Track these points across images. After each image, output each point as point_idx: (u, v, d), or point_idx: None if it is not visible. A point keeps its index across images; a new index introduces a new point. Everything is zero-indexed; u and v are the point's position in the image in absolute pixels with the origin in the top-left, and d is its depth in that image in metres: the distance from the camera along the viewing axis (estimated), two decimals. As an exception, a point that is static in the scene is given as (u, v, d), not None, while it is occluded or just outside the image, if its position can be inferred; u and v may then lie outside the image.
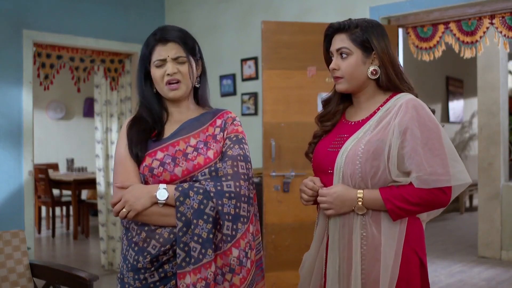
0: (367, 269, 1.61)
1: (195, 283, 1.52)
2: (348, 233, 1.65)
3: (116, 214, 1.62)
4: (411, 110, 1.60)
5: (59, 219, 7.94)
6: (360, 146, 1.62)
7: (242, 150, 1.67)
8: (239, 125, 1.75)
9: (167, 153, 1.65)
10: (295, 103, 3.60)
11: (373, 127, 1.65)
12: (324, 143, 1.78)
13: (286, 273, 3.55)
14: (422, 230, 1.71)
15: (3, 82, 4.16)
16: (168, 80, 1.67)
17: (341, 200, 1.63)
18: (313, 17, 4.11)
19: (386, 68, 1.69)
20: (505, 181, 5.61)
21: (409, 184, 1.59)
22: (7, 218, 4.12)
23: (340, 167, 1.65)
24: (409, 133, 1.58)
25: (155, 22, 5.12)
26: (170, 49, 1.67)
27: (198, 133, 1.70)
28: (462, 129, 9.40)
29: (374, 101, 1.74)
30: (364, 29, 1.70)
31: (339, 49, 1.71)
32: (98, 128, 5.12)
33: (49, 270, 2.74)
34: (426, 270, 1.69)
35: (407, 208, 1.59)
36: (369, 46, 1.69)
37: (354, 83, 1.71)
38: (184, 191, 1.56)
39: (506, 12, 3.41)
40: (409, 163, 1.58)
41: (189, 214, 1.55)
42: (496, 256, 5.50)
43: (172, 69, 1.66)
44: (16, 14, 4.24)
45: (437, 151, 1.58)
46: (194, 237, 1.53)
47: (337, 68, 1.72)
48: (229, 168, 1.61)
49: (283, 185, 3.58)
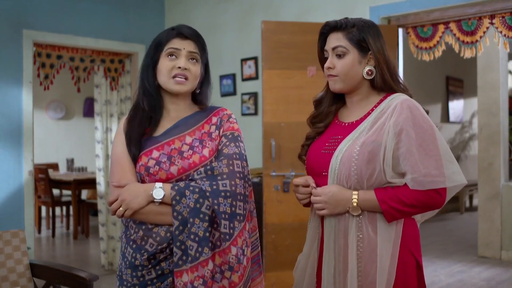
0: (363, 271, 1.60)
1: (193, 281, 1.52)
2: (343, 234, 1.63)
3: (113, 213, 1.63)
4: (406, 110, 1.59)
5: (59, 219, 7.94)
6: (355, 148, 1.60)
7: (237, 148, 1.67)
8: (235, 122, 1.74)
9: (163, 152, 1.65)
10: (295, 103, 3.60)
11: (368, 128, 1.64)
12: (318, 145, 1.76)
13: (286, 273, 3.55)
14: (418, 231, 1.70)
15: (3, 82, 4.16)
16: (177, 73, 1.66)
17: (335, 200, 1.62)
18: (313, 17, 4.11)
19: (382, 68, 1.68)
20: (505, 181, 5.61)
21: (404, 186, 1.58)
22: (7, 218, 4.12)
23: (335, 169, 1.64)
24: (404, 134, 1.57)
25: (155, 22, 5.12)
26: (188, 44, 1.68)
27: (193, 131, 1.70)
28: (462, 129, 9.40)
29: (367, 101, 1.72)
30: (361, 28, 1.68)
31: (336, 47, 1.69)
32: (98, 128, 5.12)
33: (49, 270, 2.74)
34: (422, 271, 1.68)
35: (402, 210, 1.58)
36: (366, 46, 1.68)
37: (349, 83, 1.70)
38: (180, 190, 1.57)
39: (506, 12, 3.41)
40: (404, 164, 1.57)
41: (185, 213, 1.56)
42: (496, 256, 5.50)
43: (185, 63, 1.66)
44: (16, 14, 4.24)
45: (432, 152, 1.57)
46: (191, 236, 1.54)
47: (332, 67, 1.70)
48: (224, 167, 1.61)
49: (283, 185, 3.58)
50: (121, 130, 1.73)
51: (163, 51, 1.68)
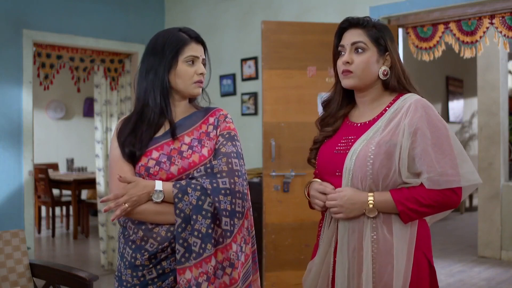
0: (378, 272, 1.58)
1: (197, 277, 1.54)
2: (358, 236, 1.62)
3: (112, 207, 1.59)
4: (421, 110, 1.59)
5: (59, 219, 7.94)
6: (370, 148, 1.59)
7: (235, 147, 1.70)
8: (231, 122, 1.78)
9: (162, 152, 1.67)
10: (295, 103, 3.60)
11: (383, 128, 1.63)
12: (329, 145, 1.75)
13: (286, 272, 3.56)
14: (429, 231, 1.70)
15: (3, 82, 4.16)
16: (199, 79, 1.73)
17: (351, 203, 1.60)
18: (313, 17, 4.11)
19: (397, 69, 1.69)
20: (505, 181, 5.61)
21: (420, 186, 1.57)
22: (7, 218, 4.12)
23: (349, 169, 1.62)
24: (419, 133, 1.56)
25: (155, 22, 5.12)
26: (201, 50, 1.75)
27: (192, 131, 1.72)
28: (462, 129, 9.40)
29: (380, 102, 1.72)
30: (380, 29, 1.69)
31: (356, 42, 1.67)
32: (98, 128, 5.12)
33: (49, 270, 2.74)
34: (434, 271, 1.67)
35: (419, 210, 1.57)
36: (384, 46, 1.68)
37: (364, 81, 1.68)
38: (182, 188, 1.59)
39: (506, 12, 3.41)
40: (419, 164, 1.56)
41: (187, 210, 1.57)
42: (496, 256, 5.50)
43: (204, 69, 1.74)
44: (16, 14, 4.24)
45: (447, 151, 1.57)
46: (194, 232, 1.55)
47: (350, 62, 1.67)
48: (224, 165, 1.63)
49: (283, 185, 3.58)
50: (115, 134, 1.75)
51: (181, 56, 1.70)
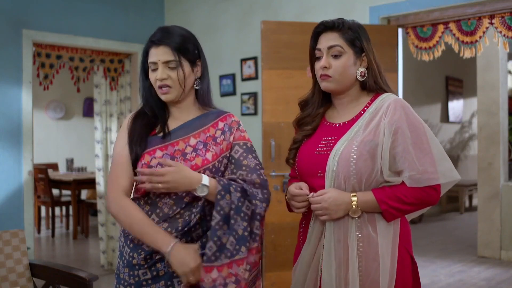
0: (364, 270, 1.60)
1: (225, 277, 1.53)
2: (343, 236, 1.63)
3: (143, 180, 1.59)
4: (400, 109, 1.62)
5: (59, 219, 7.94)
6: (353, 148, 1.61)
7: (256, 159, 1.71)
8: (245, 131, 1.77)
9: (166, 153, 1.66)
10: (295, 103, 3.53)
11: (363, 128, 1.64)
12: (309, 146, 1.75)
13: (285, 272, 3.55)
14: (409, 227, 1.74)
15: (2, 82, 4.15)
16: (160, 85, 1.67)
17: (336, 205, 1.61)
18: (312, 17, 4.11)
19: (374, 70, 1.70)
20: (505, 181, 5.61)
21: (401, 184, 1.60)
22: (6, 218, 4.12)
23: (332, 169, 1.63)
24: (400, 132, 1.59)
25: (155, 22, 5.12)
26: (162, 53, 1.66)
27: (198, 133, 1.71)
28: (462, 129, 9.39)
29: (357, 102, 1.73)
30: (355, 30, 1.70)
31: (332, 47, 1.68)
32: (98, 128, 5.12)
33: (49, 270, 2.74)
34: (416, 265, 1.71)
35: (401, 208, 1.60)
36: (360, 47, 1.69)
37: (342, 84, 1.70)
38: (226, 186, 1.58)
39: (506, 12, 3.41)
40: (400, 163, 1.59)
41: (227, 209, 1.57)
42: (495, 256, 5.50)
43: (161, 74, 1.66)
44: (16, 13, 4.24)
45: (426, 150, 1.61)
46: (232, 232, 1.55)
47: (328, 67, 1.69)
48: (256, 178, 1.65)
49: (282, 185, 3.58)
50: (125, 127, 1.74)
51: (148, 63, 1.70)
